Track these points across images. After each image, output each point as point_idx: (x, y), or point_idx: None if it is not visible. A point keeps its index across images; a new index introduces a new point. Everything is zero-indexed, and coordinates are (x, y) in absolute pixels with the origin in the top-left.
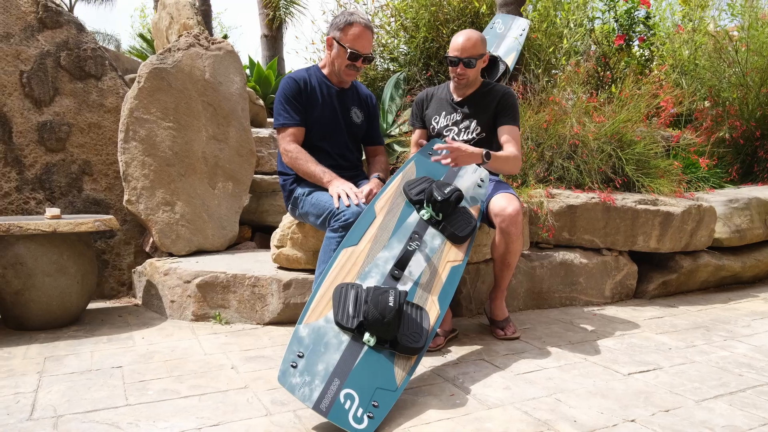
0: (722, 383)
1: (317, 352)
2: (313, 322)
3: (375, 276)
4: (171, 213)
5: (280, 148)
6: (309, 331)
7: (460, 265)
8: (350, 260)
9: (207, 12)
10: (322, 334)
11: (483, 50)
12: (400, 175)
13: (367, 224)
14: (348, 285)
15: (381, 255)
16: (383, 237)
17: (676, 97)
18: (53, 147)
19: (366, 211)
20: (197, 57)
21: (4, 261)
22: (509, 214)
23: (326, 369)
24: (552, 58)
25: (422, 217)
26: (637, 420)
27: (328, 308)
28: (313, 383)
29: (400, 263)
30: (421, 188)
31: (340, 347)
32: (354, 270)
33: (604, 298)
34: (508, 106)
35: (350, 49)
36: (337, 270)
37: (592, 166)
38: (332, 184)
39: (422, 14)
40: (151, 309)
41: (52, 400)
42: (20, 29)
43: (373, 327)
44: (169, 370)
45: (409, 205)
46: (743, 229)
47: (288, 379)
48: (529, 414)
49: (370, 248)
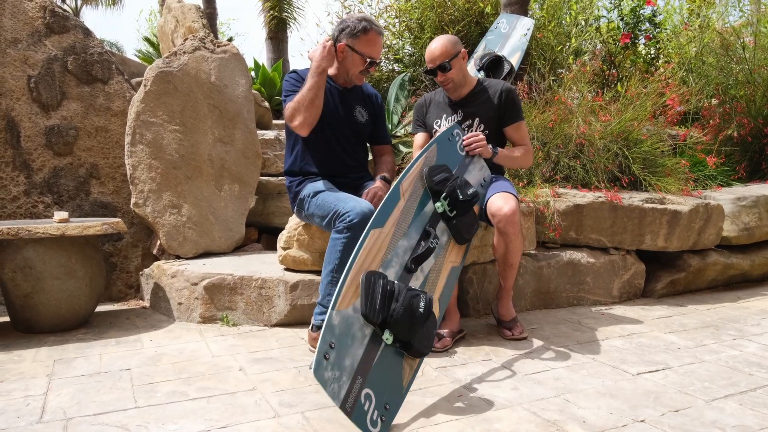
0: (732, 383)
1: (345, 344)
2: (343, 309)
3: (395, 266)
4: (178, 215)
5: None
6: (340, 320)
7: (458, 267)
8: (377, 244)
9: (212, 15)
10: (350, 324)
11: (454, 50)
12: (423, 157)
13: (392, 206)
14: (377, 275)
15: (401, 244)
16: (404, 223)
17: (683, 95)
18: (61, 151)
19: (391, 192)
20: (203, 60)
21: (14, 264)
22: (505, 214)
23: (352, 365)
24: (558, 57)
25: (437, 209)
26: (646, 420)
27: (356, 295)
28: (341, 380)
29: (419, 259)
30: (441, 178)
31: (363, 341)
32: (379, 256)
33: (611, 298)
34: (511, 104)
35: (368, 58)
36: (366, 253)
37: (598, 165)
38: (314, 67)
39: (427, 15)
40: (158, 311)
41: (61, 402)
42: (28, 34)
43: (397, 327)
44: (178, 372)
45: (428, 193)
46: (752, 227)
47: (321, 372)
48: (538, 414)
49: (393, 233)
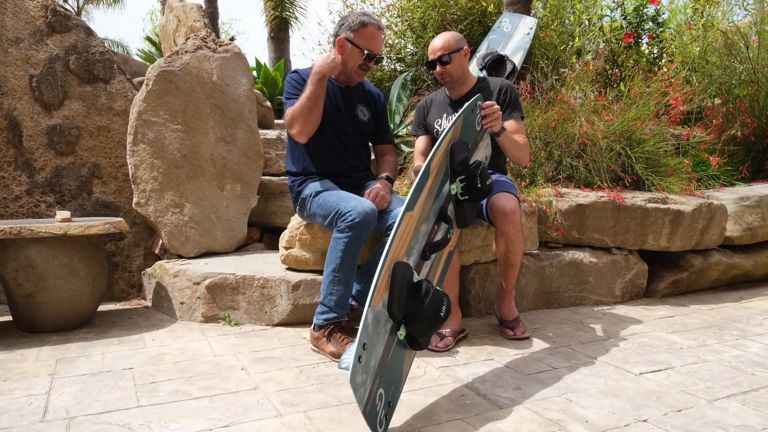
0: (735, 383)
1: (373, 344)
2: (376, 305)
3: (415, 254)
4: (180, 215)
5: (287, 126)
6: (373, 317)
7: (453, 252)
8: (407, 229)
9: (214, 14)
10: (379, 320)
11: (457, 46)
12: (450, 132)
13: (422, 187)
14: (405, 268)
15: (422, 229)
16: (427, 206)
17: (686, 95)
18: (63, 150)
19: (422, 173)
20: (205, 59)
21: (16, 264)
22: (506, 214)
23: (374, 366)
24: (561, 56)
25: (451, 191)
26: (649, 420)
27: (387, 288)
28: (366, 383)
29: (435, 247)
30: (462, 157)
31: (384, 338)
32: (406, 242)
33: (614, 298)
34: (511, 99)
35: (367, 50)
36: (398, 240)
37: (601, 165)
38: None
39: (430, 14)
40: (160, 311)
41: (64, 401)
42: (29, 34)
43: (417, 326)
44: (180, 371)
45: (447, 172)
46: (755, 227)
47: (355, 377)
48: (540, 414)
49: (418, 218)
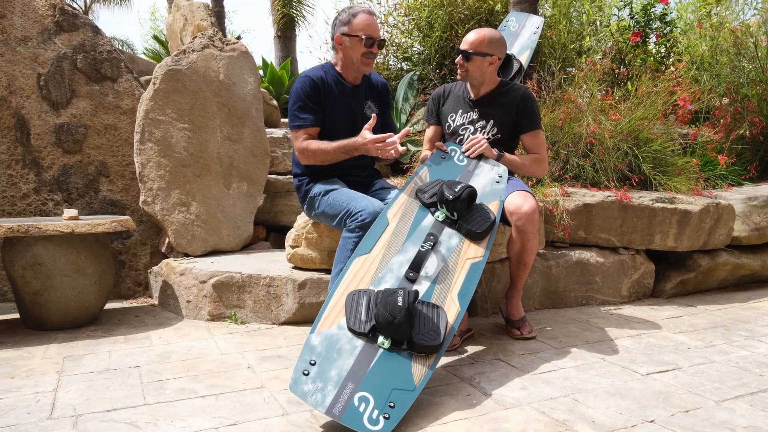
0: (742, 383)
1: (330, 358)
2: (325, 330)
3: (389, 280)
4: (186, 213)
5: (295, 150)
6: (321, 339)
7: (481, 261)
8: (363, 268)
9: (220, 13)
10: (335, 341)
11: (489, 50)
12: (411, 183)
13: (380, 232)
14: (360, 291)
15: (395, 260)
16: (397, 242)
17: (694, 94)
18: (70, 149)
19: (378, 219)
20: (212, 58)
21: (23, 262)
22: (525, 212)
23: (339, 374)
24: (569, 56)
25: (437, 219)
26: (656, 421)
27: (341, 316)
28: (326, 389)
29: (414, 265)
30: (434, 191)
31: (353, 352)
32: (367, 277)
33: (621, 298)
34: (528, 111)
35: (365, 36)
36: (350, 279)
37: (608, 165)
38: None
39: (437, 13)
40: (167, 309)
41: (71, 399)
42: (37, 32)
43: (386, 329)
44: (186, 369)
45: (423, 209)
46: (763, 227)
47: (300, 386)
48: (547, 414)
49: (383, 255)
